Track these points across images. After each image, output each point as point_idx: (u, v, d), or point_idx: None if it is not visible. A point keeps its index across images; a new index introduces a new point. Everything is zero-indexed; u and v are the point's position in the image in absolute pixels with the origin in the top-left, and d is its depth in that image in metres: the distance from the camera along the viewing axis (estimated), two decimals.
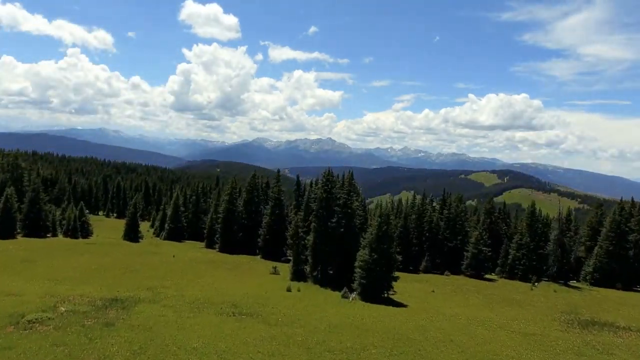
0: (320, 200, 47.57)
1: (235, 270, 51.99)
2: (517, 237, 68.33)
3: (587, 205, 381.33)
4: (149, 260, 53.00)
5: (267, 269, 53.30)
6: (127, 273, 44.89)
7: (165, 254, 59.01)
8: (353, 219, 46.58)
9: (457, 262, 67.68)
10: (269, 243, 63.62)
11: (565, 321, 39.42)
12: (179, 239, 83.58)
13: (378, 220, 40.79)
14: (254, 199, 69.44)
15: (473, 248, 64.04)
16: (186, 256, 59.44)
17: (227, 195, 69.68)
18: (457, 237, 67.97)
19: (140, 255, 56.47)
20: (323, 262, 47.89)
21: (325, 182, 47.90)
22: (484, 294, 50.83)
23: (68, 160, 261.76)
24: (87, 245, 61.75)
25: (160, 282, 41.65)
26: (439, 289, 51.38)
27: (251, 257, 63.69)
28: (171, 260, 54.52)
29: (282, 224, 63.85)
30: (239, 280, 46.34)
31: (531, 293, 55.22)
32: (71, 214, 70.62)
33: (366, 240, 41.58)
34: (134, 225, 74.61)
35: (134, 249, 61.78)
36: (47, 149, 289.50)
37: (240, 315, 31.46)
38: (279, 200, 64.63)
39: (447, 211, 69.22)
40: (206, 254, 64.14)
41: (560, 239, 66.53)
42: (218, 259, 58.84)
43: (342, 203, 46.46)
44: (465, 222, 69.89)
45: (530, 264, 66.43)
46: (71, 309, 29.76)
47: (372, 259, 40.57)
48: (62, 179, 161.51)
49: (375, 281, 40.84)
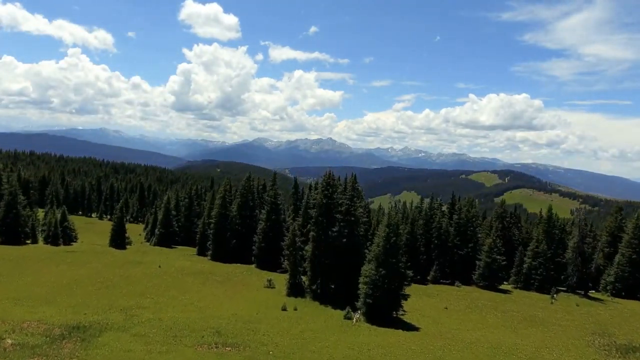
0: (319, 206, 42.50)
1: (226, 284, 46.90)
2: (533, 244, 63.22)
3: (589, 206, 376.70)
4: (131, 272, 47.94)
5: (262, 281, 48.22)
6: (102, 289, 39.82)
7: (150, 264, 53.95)
8: (357, 227, 41.51)
9: (468, 271, 62.53)
10: (265, 251, 58.52)
11: (601, 347, 34.34)
12: (170, 245, 78.57)
13: (385, 230, 35.69)
14: (248, 202, 64.27)
15: (486, 257, 58.89)
16: (173, 266, 54.38)
17: (219, 199, 64.57)
18: (468, 244, 62.84)
19: (122, 266, 51.40)
20: (323, 276, 42.78)
21: (326, 186, 42.82)
22: (502, 310, 45.73)
23: (66, 160, 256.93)
24: (65, 254, 56.69)
25: (138, 300, 36.61)
26: (452, 304, 46.27)
27: (245, 267, 58.61)
28: (155, 272, 49.46)
29: (278, 231, 58.78)
30: (228, 297, 41.26)
31: (552, 308, 50.12)
32: (52, 219, 65.54)
33: (372, 253, 36.51)
34: (121, 230, 69.50)
35: (117, 258, 56.75)
36: (48, 149, 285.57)
37: (223, 347, 26.40)
38: (276, 205, 59.44)
39: (457, 216, 64.00)
40: (196, 263, 59.06)
41: (580, 246, 61.35)
42: (208, 270, 53.77)
43: (344, 210, 41.39)
44: (477, 229, 64.72)
45: (548, 273, 61.34)
46: (19, 342, 24.69)
47: (379, 274, 35.51)
48: (54, 180, 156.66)
49: (382, 300, 35.77)
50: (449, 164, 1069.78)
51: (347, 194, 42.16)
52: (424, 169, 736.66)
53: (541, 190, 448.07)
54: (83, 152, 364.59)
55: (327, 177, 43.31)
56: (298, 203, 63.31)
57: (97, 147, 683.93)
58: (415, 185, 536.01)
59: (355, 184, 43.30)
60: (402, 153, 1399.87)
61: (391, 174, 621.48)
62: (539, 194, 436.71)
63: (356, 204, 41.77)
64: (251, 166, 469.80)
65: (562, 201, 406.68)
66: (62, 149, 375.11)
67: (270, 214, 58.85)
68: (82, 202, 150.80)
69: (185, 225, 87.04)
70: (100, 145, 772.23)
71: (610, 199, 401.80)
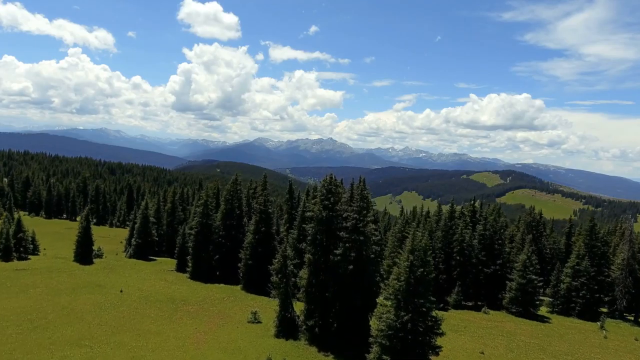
0: (318, 221, 32.50)
1: (200, 317, 36.90)
2: (573, 260, 53.19)
3: (592, 207, 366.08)
4: (78, 303, 37.91)
5: (245, 313, 38.22)
6: (28, 332, 29.84)
7: (111, 288, 43.93)
8: (367, 249, 31.46)
9: (496, 293, 52.66)
10: (253, 270, 48.44)
11: None
12: (148, 257, 68.50)
13: (409, 258, 25.69)
14: (234, 210, 54.10)
15: (519, 277, 48.83)
16: (140, 290, 44.37)
17: (199, 206, 54.42)
18: (495, 261, 52.74)
19: (74, 292, 41.40)
20: (323, 311, 32.82)
21: (326, 194, 32.80)
22: (551, 353, 35.72)
23: (60, 160, 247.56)
24: (10, 275, 46.61)
25: (66, 352, 26.62)
26: (488, 345, 36.23)
27: (229, 290, 48.59)
28: (112, 301, 39.44)
29: (269, 246, 48.74)
30: (197, 340, 31.26)
31: (608, 344, 40.18)
32: (4, 229, 55.52)
33: (391, 289, 26.51)
34: (86, 241, 59.27)
35: (72, 279, 46.73)
36: (48, 150, 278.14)
37: None
38: (266, 214, 49.30)
39: (481, 227, 53.89)
40: (170, 284, 49.01)
41: (631, 263, 51.42)
42: (181, 295, 43.76)
43: (350, 226, 31.37)
44: (505, 242, 54.63)
45: (592, 295, 51.35)
46: None
47: (399, 319, 25.54)
48: (35, 182, 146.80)
49: (405, 353, 25.79)
50: (449, 164, 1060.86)
51: (354, 204, 32.12)
52: (425, 169, 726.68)
53: (543, 191, 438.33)
54: (83, 152, 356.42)
55: (328, 182, 33.25)
56: (293, 212, 53.21)
57: (98, 147, 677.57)
58: (416, 186, 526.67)
59: (364, 190, 33.29)
60: (402, 153, 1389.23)
61: (392, 174, 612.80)
62: (541, 194, 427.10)
63: (366, 218, 31.70)
64: (251, 166, 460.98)
65: (565, 202, 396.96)
66: (62, 149, 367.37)
67: (259, 225, 48.72)
68: (66, 205, 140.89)
69: (168, 234, 77.10)
70: (100, 145, 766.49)
71: (614, 200, 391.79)
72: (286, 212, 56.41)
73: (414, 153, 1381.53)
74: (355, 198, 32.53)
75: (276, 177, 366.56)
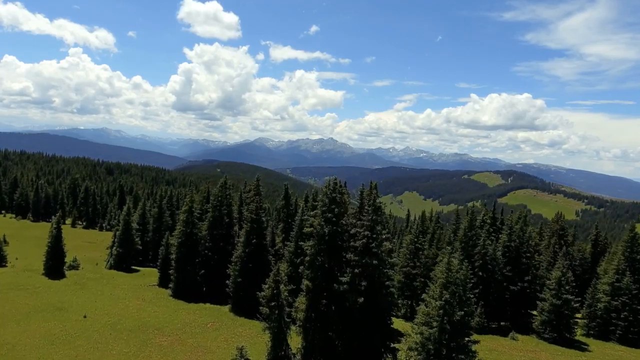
0: (319, 238, 25.67)
1: (174, 352, 30.12)
2: (612, 276, 46.27)
3: (595, 207, 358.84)
4: (29, 334, 31.11)
5: (231, 345, 31.41)
6: None
7: (74, 311, 37.18)
8: (382, 275, 24.61)
9: (522, 312, 45.84)
10: (243, 289, 41.61)
11: None
12: (130, 268, 61.78)
13: (444, 296, 18.84)
14: (222, 218, 47.24)
15: (553, 297, 41.89)
16: (109, 314, 37.57)
17: (183, 213, 47.57)
18: (523, 277, 45.85)
19: (26, 318, 34.60)
20: (324, 351, 26.00)
21: (329, 204, 25.94)
22: None
23: (57, 160, 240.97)
24: None
25: None
26: None
27: (216, 311, 41.80)
28: (72, 330, 32.66)
29: (261, 260, 41.92)
30: None
31: None
32: None
33: (418, 337, 19.67)
34: (57, 251, 52.60)
35: (34, 299, 39.95)
36: (48, 150, 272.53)
37: None
38: (258, 224, 42.43)
39: (506, 237, 46.99)
40: (148, 304, 42.19)
41: None
42: (157, 320, 36.96)
43: (360, 246, 24.56)
44: (534, 255, 47.67)
45: (635, 317, 44.42)
46: None
47: None
48: (23, 183, 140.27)
49: None
50: (450, 164, 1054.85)
51: (364, 217, 25.27)
52: (426, 169, 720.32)
53: (545, 191, 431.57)
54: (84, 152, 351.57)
55: (331, 189, 26.37)
56: (290, 220, 46.35)
57: (98, 147, 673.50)
58: (417, 186, 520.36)
59: (377, 199, 26.49)
60: (403, 153, 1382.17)
61: (393, 174, 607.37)
62: (543, 194, 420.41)
63: (380, 236, 24.83)
64: (252, 166, 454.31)
65: (567, 202, 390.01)
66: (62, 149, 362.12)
67: (249, 237, 41.83)
68: (54, 207, 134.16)
69: (154, 241, 70.34)
70: (101, 145, 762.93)
71: (616, 200, 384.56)
72: (282, 221, 49.49)
73: (415, 153, 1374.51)
74: (366, 209, 25.69)
75: (277, 177, 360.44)
